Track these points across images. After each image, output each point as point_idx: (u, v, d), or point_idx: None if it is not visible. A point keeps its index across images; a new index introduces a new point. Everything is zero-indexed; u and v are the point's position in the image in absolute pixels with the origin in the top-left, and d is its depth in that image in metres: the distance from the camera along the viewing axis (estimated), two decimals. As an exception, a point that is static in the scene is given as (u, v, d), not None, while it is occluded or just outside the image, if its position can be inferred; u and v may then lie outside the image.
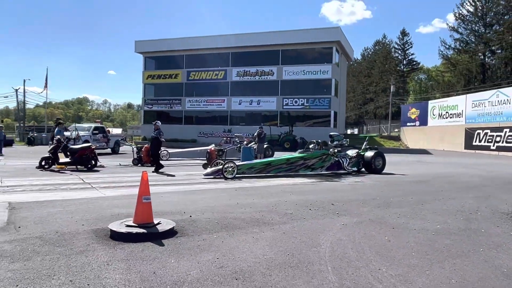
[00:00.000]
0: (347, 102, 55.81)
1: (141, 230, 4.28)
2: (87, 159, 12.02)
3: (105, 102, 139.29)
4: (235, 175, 10.39)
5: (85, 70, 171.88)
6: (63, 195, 7.10)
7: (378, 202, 6.95)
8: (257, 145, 15.40)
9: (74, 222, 4.93)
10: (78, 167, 12.00)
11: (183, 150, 19.14)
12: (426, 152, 30.22)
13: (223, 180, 9.99)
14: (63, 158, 12.20)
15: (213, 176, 10.39)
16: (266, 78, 37.88)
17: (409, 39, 62.50)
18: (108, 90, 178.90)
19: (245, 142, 16.76)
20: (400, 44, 63.18)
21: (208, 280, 3.13)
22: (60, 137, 12.71)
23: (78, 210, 5.68)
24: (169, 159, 16.65)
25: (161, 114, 40.95)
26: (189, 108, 40.56)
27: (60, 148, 12.15)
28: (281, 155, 13.64)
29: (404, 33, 62.58)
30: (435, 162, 19.42)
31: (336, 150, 12.27)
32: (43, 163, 11.71)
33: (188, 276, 3.19)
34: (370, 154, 12.50)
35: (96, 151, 12.85)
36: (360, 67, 70.48)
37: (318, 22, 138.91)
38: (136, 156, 14.13)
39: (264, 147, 16.17)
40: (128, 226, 4.40)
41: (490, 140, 28.51)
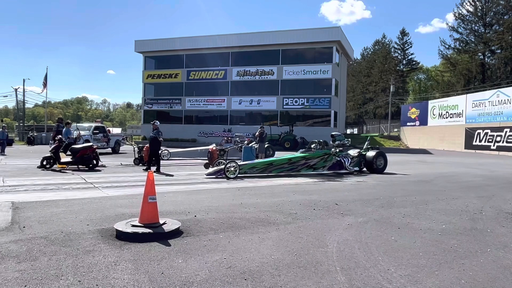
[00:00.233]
0: (346, 101, 55.79)
1: (147, 230, 4.26)
2: (89, 159, 11.99)
3: (104, 102, 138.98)
4: (237, 175, 10.38)
5: (84, 70, 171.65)
6: (66, 195, 7.08)
7: (381, 202, 6.94)
8: (258, 144, 15.38)
9: (79, 222, 4.91)
10: (80, 166, 11.98)
11: (184, 149, 19.11)
12: (426, 152, 30.24)
13: (225, 180, 9.97)
14: (64, 158, 12.18)
15: (215, 176, 10.38)
16: (266, 77, 37.86)
17: (408, 39, 62.54)
18: (108, 90, 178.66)
19: (246, 142, 16.75)
20: (399, 44, 63.16)
21: (217, 280, 3.11)
22: (69, 137, 12.66)
23: (82, 210, 5.66)
24: (170, 158, 16.67)
25: (161, 113, 40.93)
26: (189, 107, 40.52)
27: (61, 147, 12.12)
28: (281, 154, 13.62)
29: (403, 33, 62.58)
30: (436, 161, 19.41)
31: (338, 150, 12.27)
32: (44, 162, 11.69)
33: (196, 277, 3.17)
34: (371, 154, 12.50)
35: (97, 151, 12.82)
36: (359, 67, 70.46)
37: (317, 22, 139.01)
38: (137, 155, 14.11)
39: (265, 147, 16.16)
40: (134, 226, 4.38)
41: (490, 140, 28.52)
